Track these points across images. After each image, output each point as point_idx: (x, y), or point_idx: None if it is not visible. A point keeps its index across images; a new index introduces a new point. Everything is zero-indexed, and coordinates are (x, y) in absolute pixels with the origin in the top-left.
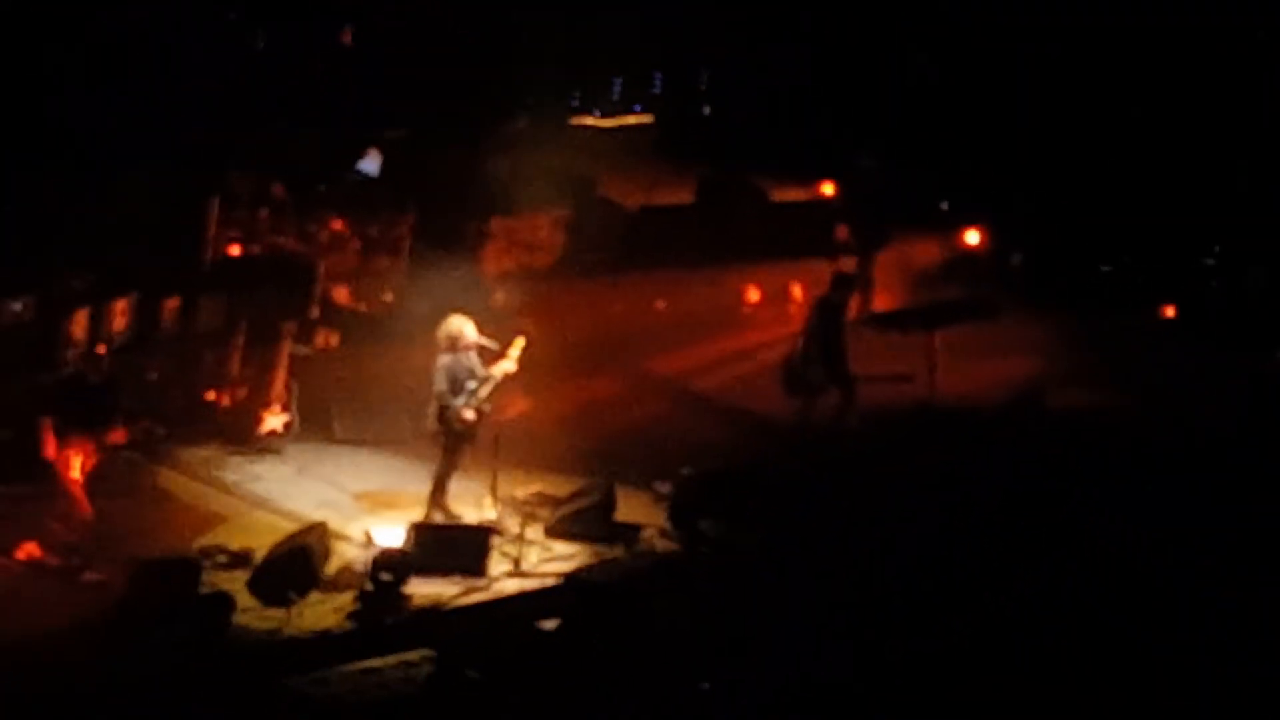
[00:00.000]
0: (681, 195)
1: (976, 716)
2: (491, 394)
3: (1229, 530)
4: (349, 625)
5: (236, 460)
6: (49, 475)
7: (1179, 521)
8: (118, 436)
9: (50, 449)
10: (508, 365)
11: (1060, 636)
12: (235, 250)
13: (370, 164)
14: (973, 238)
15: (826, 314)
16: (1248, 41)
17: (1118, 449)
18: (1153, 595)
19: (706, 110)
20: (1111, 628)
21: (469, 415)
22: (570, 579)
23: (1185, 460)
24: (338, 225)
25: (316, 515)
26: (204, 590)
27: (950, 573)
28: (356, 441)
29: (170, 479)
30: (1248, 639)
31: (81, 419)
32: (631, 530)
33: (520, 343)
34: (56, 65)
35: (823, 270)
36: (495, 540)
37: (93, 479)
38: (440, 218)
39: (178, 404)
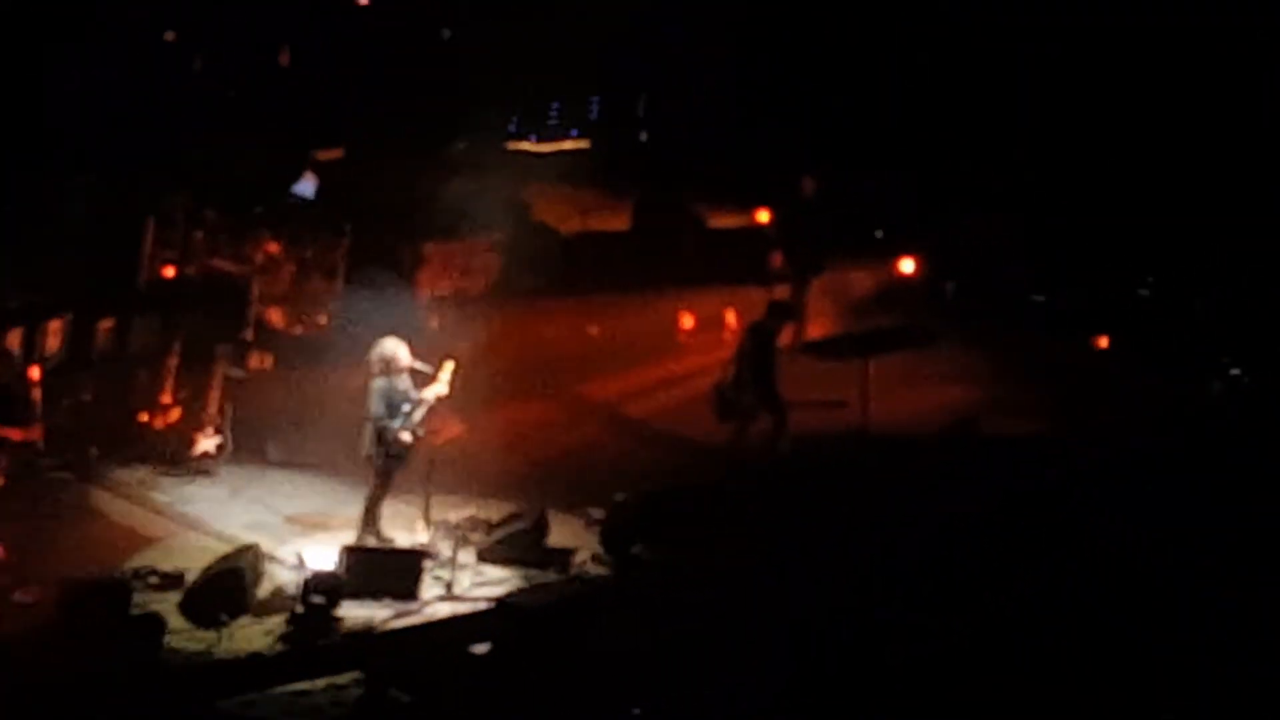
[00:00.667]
0: (618, 221)
1: None
2: (424, 417)
3: (1163, 553)
4: (280, 647)
5: (169, 481)
6: None
7: (1109, 547)
8: (21, 434)
9: None
10: (439, 388)
11: (989, 662)
12: (170, 271)
13: (306, 186)
14: (907, 266)
15: (759, 339)
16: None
17: (1050, 476)
18: (1081, 622)
19: (643, 136)
20: (1044, 657)
21: (405, 438)
22: (502, 603)
23: (1116, 486)
24: (273, 247)
25: (249, 537)
26: (135, 611)
27: (885, 595)
28: (290, 464)
29: (102, 499)
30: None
31: None
32: (564, 555)
33: (450, 365)
34: None
35: (758, 296)
36: (427, 564)
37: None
38: (376, 241)
39: (111, 424)
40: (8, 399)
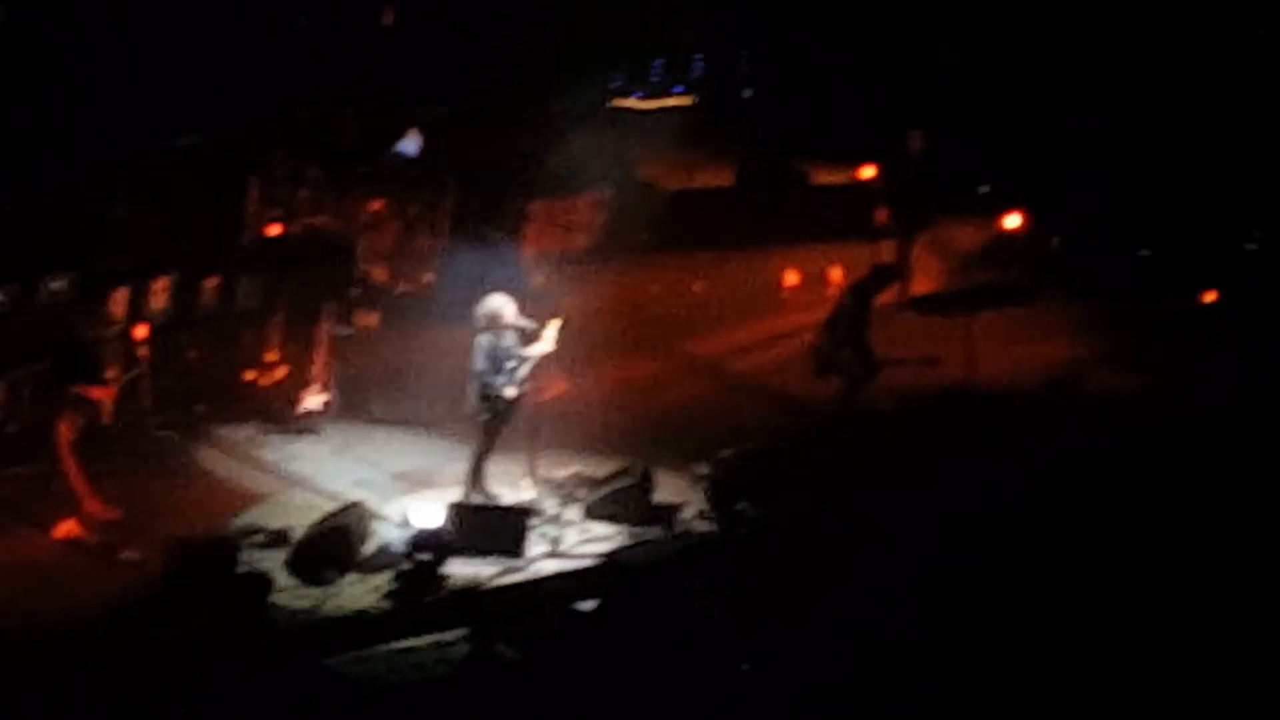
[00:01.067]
0: (721, 178)
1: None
2: (529, 374)
3: (1263, 518)
4: (386, 605)
5: (275, 439)
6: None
7: (1212, 507)
8: (103, 393)
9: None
10: (545, 346)
11: (1098, 623)
12: (275, 230)
13: (410, 145)
14: (1012, 221)
15: (859, 298)
16: None
17: (1155, 433)
18: (1184, 585)
19: (747, 93)
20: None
21: (509, 394)
22: (608, 560)
23: (1221, 445)
24: (377, 205)
25: (354, 495)
26: (241, 570)
27: (989, 557)
28: (395, 421)
29: (209, 457)
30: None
31: (71, 378)
32: (670, 511)
33: (556, 323)
34: (98, 43)
35: (861, 253)
36: (533, 521)
37: (85, 443)
38: (480, 198)
39: (217, 383)
40: (91, 357)
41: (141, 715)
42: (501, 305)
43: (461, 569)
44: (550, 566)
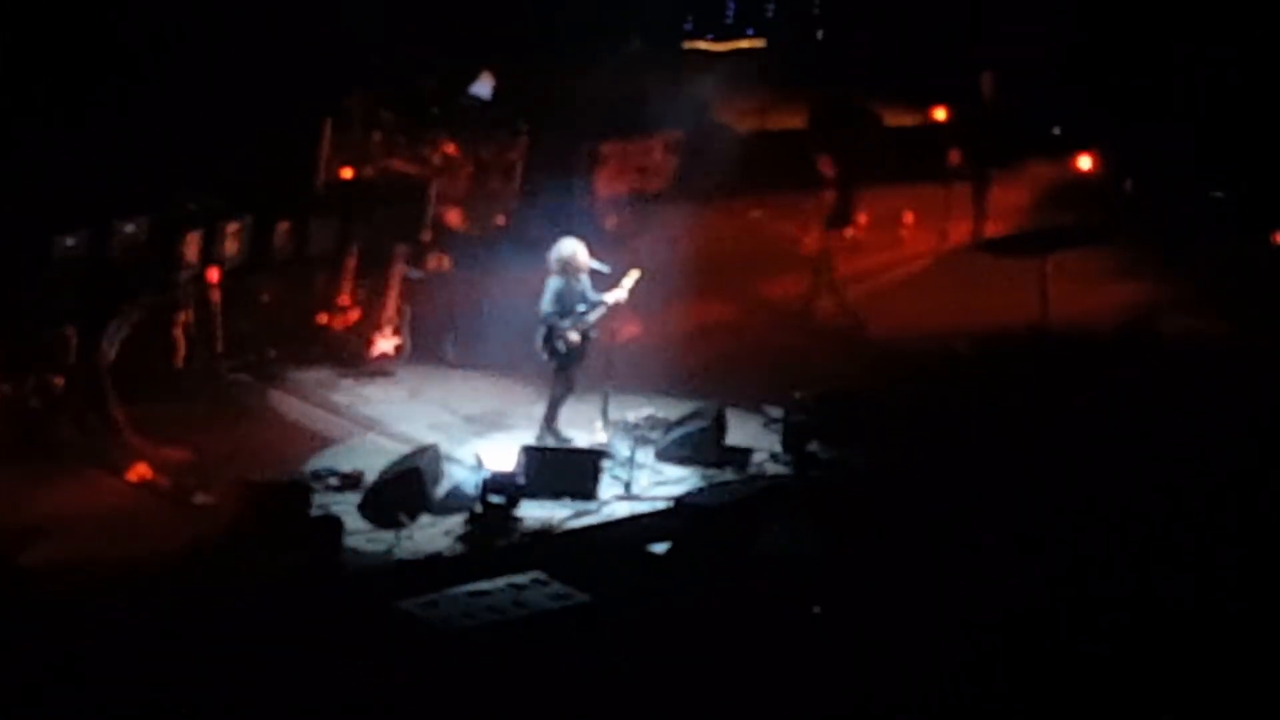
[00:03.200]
0: (794, 119)
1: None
2: (600, 320)
3: None
4: (459, 548)
5: (348, 383)
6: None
7: None
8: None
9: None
10: (620, 294)
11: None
12: (347, 173)
13: (483, 87)
14: (1085, 163)
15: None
16: None
17: (1230, 374)
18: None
19: (820, 34)
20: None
21: (574, 337)
22: (680, 502)
23: None
24: (450, 148)
25: (427, 438)
26: (315, 513)
27: (1064, 501)
28: (468, 365)
29: (282, 401)
30: None
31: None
32: (742, 454)
33: (635, 274)
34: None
35: (934, 194)
36: (606, 463)
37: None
38: (553, 141)
39: (290, 326)
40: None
41: (214, 658)
42: (574, 249)
43: (534, 511)
44: (623, 509)
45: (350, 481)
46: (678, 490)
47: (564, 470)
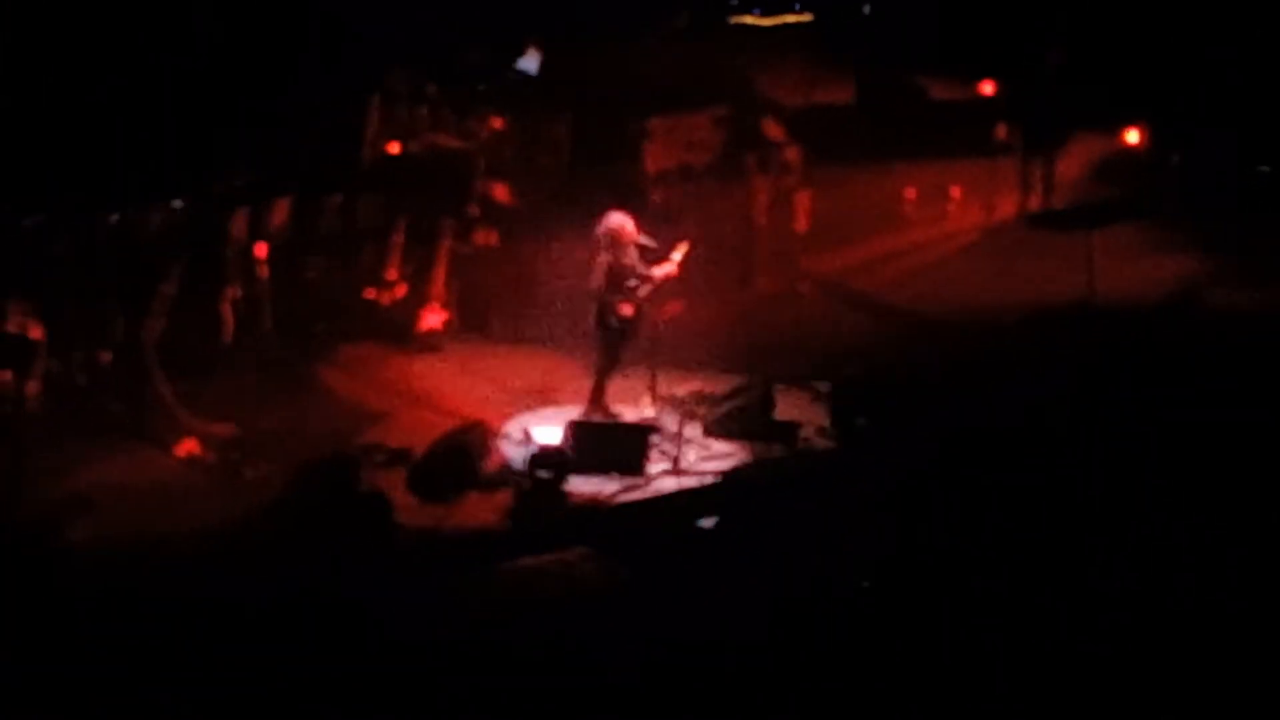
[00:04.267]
0: (841, 94)
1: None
2: (650, 294)
3: None
4: (507, 523)
5: (396, 358)
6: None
7: None
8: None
9: None
10: (669, 268)
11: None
12: (395, 148)
13: (530, 62)
14: (1132, 136)
15: None
16: None
17: (1274, 348)
18: None
19: (866, 8)
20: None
21: (626, 311)
22: (729, 477)
23: None
24: (497, 123)
25: (475, 413)
26: (362, 488)
27: (1110, 473)
28: (515, 339)
29: (329, 376)
30: None
31: None
32: (790, 428)
33: (684, 247)
34: None
35: (981, 170)
36: (654, 438)
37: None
38: (600, 116)
39: (337, 302)
40: None
41: (263, 634)
42: (622, 223)
43: (582, 486)
44: (671, 484)
45: (398, 456)
46: (726, 465)
47: (612, 445)
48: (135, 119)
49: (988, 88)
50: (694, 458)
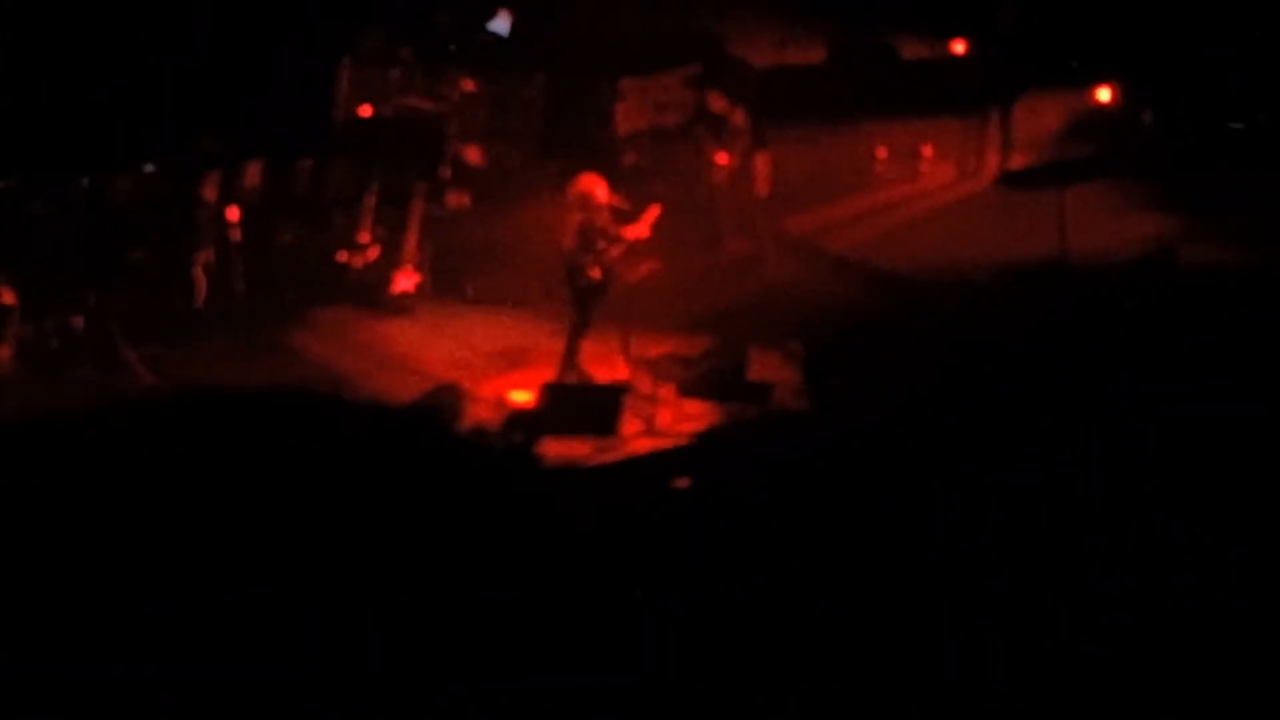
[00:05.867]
0: (812, 54)
1: None
2: (621, 255)
3: None
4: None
5: (368, 321)
6: None
7: None
8: None
9: None
10: (640, 230)
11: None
12: (366, 111)
13: (501, 23)
14: (1104, 95)
15: None
16: None
17: (1248, 305)
18: None
19: None
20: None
21: (595, 273)
22: (703, 438)
23: None
24: (469, 85)
25: (448, 375)
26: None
27: (1085, 430)
28: (488, 302)
29: (302, 340)
30: None
31: None
32: (764, 389)
33: (655, 210)
34: None
35: (953, 128)
36: (628, 400)
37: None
38: (571, 77)
39: (309, 265)
40: None
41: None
42: (593, 184)
43: (556, 448)
44: (645, 445)
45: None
46: (699, 426)
47: (585, 406)
48: (107, 84)
49: (959, 46)
50: (668, 419)
